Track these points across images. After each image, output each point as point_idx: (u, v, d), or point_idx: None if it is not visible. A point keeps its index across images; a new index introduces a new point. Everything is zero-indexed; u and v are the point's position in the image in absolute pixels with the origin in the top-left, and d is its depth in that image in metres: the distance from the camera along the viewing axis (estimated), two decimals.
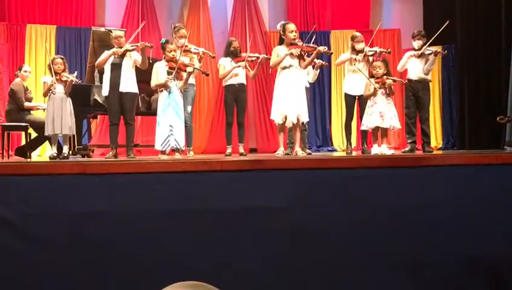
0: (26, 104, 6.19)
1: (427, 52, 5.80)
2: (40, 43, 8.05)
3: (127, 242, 3.23)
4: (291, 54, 5.01)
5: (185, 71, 5.12)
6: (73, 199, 3.22)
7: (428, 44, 5.80)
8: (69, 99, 5.23)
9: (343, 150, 8.31)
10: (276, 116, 5.11)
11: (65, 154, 5.27)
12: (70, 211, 3.20)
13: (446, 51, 6.29)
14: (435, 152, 6.25)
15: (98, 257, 3.19)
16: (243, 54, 5.95)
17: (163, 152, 4.93)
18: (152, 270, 3.06)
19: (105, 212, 3.23)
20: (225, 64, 5.92)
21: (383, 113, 5.08)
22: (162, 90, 4.99)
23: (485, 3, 7.24)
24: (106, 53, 5.43)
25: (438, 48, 5.90)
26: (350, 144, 6.17)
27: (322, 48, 5.12)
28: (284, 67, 5.05)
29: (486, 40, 7.17)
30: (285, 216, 3.39)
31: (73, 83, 5.19)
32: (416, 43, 5.89)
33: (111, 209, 3.24)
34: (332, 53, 5.49)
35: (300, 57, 5.08)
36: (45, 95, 5.27)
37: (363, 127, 5.37)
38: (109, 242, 3.21)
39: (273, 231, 3.37)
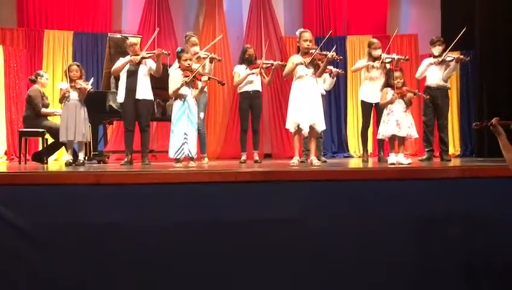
0: (43, 110, 6.23)
1: (448, 58, 5.69)
2: (58, 49, 8.11)
3: (140, 253, 3.22)
4: (301, 63, 4.95)
5: (201, 80, 5.11)
6: (87, 209, 3.23)
7: (448, 50, 5.69)
8: (83, 107, 5.26)
9: (359, 156, 8.21)
10: (291, 126, 5.05)
11: (80, 161, 5.31)
12: (84, 222, 3.21)
13: (469, 57, 6.13)
14: (452, 160, 6.14)
15: (111, 268, 3.20)
16: (258, 61, 5.92)
17: (177, 160, 4.92)
18: (163, 280, 3.05)
19: (118, 223, 3.23)
20: (240, 71, 5.89)
21: (400, 121, 4.98)
22: (177, 99, 4.98)
23: (506, 7, 7.08)
24: (122, 60, 5.45)
25: (459, 54, 5.79)
26: (366, 152, 6.10)
27: (330, 55, 5.02)
28: (299, 77, 4.99)
29: (506, 45, 7.02)
30: (298, 228, 3.36)
31: (87, 90, 5.23)
32: (436, 50, 5.78)
33: (124, 220, 3.24)
34: (341, 59, 5.35)
35: (315, 66, 5.01)
36: (61, 101, 5.33)
37: (379, 136, 5.25)
38: (122, 253, 3.21)
39: (287, 243, 3.34)
